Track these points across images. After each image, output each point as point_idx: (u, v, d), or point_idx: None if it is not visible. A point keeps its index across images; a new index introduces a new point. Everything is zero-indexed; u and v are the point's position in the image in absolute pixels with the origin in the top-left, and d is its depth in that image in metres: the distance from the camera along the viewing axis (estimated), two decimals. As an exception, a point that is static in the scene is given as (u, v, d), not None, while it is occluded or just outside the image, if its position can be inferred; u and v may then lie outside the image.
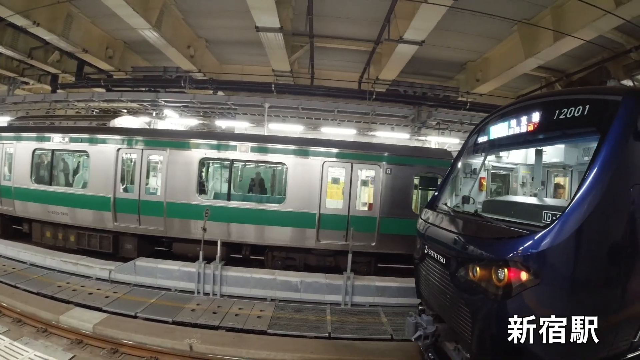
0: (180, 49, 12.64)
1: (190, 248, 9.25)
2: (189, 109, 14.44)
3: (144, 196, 9.36)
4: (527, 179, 8.03)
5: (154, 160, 10.04)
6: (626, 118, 3.30)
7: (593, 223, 3.24)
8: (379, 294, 8.33)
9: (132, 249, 9.61)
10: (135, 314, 6.85)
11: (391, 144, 11.80)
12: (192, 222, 9.08)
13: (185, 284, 8.18)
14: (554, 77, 14.20)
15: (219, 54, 15.04)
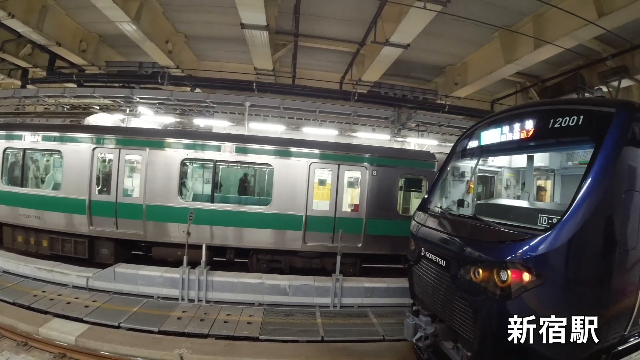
0: (158, 43, 12.28)
1: (170, 252, 9.02)
2: (166, 107, 14.01)
3: (122, 198, 9.01)
4: (511, 182, 8.50)
5: (133, 161, 9.69)
6: (620, 129, 3.61)
7: (590, 227, 3.52)
8: (367, 294, 8.50)
9: (109, 254, 9.23)
10: (119, 324, 6.61)
11: (377, 146, 12.03)
12: (173, 225, 8.84)
13: (168, 290, 7.96)
14: (529, 82, 15.01)
15: (198, 50, 14.73)
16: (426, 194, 6.69)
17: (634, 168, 3.69)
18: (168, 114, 14.94)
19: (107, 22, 11.28)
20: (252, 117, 13.92)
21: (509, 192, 8.82)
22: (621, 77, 10.27)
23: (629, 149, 3.66)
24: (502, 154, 6.51)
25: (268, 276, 8.56)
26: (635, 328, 3.94)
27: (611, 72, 10.74)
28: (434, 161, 10.51)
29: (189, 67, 13.87)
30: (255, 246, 9.32)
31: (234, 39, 12.62)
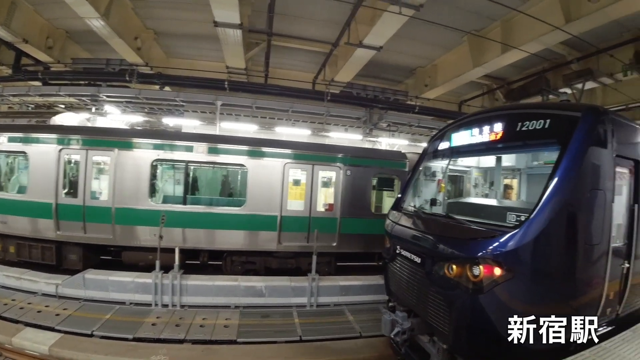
0: (127, 40, 11.94)
1: (141, 257, 8.82)
2: (133, 105, 13.60)
3: (90, 201, 8.68)
4: (479, 181, 8.92)
5: (101, 162, 9.36)
6: (585, 132, 3.95)
7: (557, 224, 3.84)
8: (343, 293, 8.70)
9: (77, 260, 8.87)
10: (92, 332, 6.43)
11: (351, 146, 12.26)
12: (144, 228, 8.62)
13: (140, 296, 7.78)
14: (496, 85, 15.79)
15: (168, 47, 14.41)
16: (400, 193, 6.95)
17: (598, 168, 4.04)
18: (136, 112, 14.50)
19: (74, 18, 10.87)
20: (223, 116, 13.80)
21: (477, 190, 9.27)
22: (585, 80, 10.98)
23: (593, 151, 4.01)
24: (472, 155, 6.85)
25: (244, 278, 8.56)
26: (603, 318, 4.32)
27: (575, 75, 11.48)
28: (405, 161, 10.87)
29: (158, 65, 13.54)
30: (230, 248, 9.26)
31: (205, 36, 12.46)
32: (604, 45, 10.83)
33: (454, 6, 9.82)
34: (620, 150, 4.26)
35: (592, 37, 10.09)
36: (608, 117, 4.22)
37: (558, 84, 12.54)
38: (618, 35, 10.84)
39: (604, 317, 4.37)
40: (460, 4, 9.57)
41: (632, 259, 4.53)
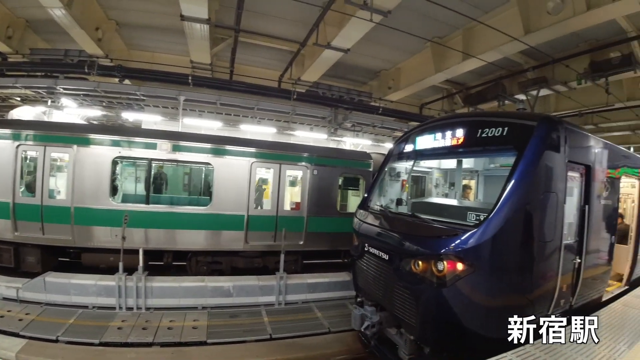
0: (88, 30, 11.42)
1: (102, 258, 8.54)
2: (91, 99, 12.97)
3: (48, 201, 8.26)
4: (440, 181, 9.51)
5: (60, 159, 8.91)
6: (539, 140, 4.45)
7: (514, 222, 4.30)
8: (310, 290, 8.94)
9: (36, 262, 8.44)
10: (57, 338, 6.19)
11: (318, 146, 12.51)
12: (105, 229, 8.36)
13: (104, 299, 7.55)
14: (455, 89, 16.73)
15: (129, 39, 13.92)
16: (366, 193, 7.33)
17: (551, 172, 4.54)
18: (93, 106, 13.83)
19: (35, 7, 10.34)
20: (186, 112, 13.56)
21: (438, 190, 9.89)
22: (540, 87, 11.99)
23: (547, 157, 4.50)
24: (435, 158, 7.35)
25: (210, 278, 8.54)
26: (557, 309, 4.88)
27: (531, 82, 12.51)
28: (370, 161, 11.31)
29: (118, 57, 13.08)
30: (195, 248, 9.19)
31: (169, 29, 12.26)
32: (560, 55, 11.82)
33: (420, 13, 10.37)
34: (572, 156, 4.79)
35: (549, 47, 11.02)
36: (561, 125, 4.73)
37: (514, 91, 13.60)
38: (574, 46, 11.88)
39: (558, 308, 4.92)
40: (425, 12, 10.11)
41: (583, 255, 5.11)
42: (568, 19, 9.05)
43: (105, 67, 11.99)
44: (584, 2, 8.63)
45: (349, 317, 7.19)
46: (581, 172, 5.19)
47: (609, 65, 11.21)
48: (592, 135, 5.57)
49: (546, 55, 11.30)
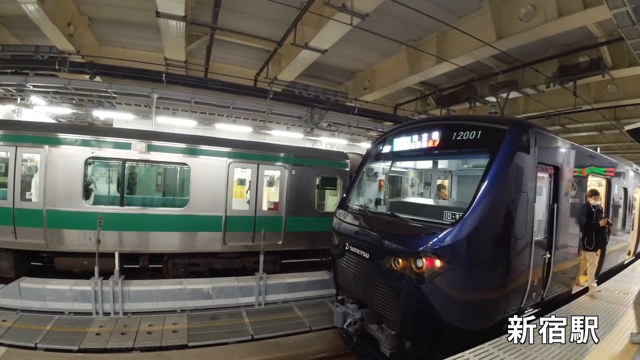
0: (60, 25, 11.00)
1: (76, 263, 8.33)
2: (61, 96, 12.50)
3: (20, 203, 7.96)
4: (415, 181, 9.88)
5: (31, 160, 8.60)
6: (511, 143, 4.79)
7: (487, 221, 4.62)
8: (290, 290, 9.08)
9: (9, 268, 8.13)
10: (35, 345, 6.03)
11: (295, 146, 12.62)
12: (78, 232, 8.15)
13: (80, 305, 7.38)
14: (428, 91, 17.26)
15: (101, 34, 13.50)
16: (345, 193, 7.55)
17: (521, 174, 4.89)
18: (63, 104, 13.34)
19: (8, 1, 10.00)
20: (159, 110, 13.34)
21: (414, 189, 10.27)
22: (510, 90, 12.58)
23: (518, 159, 4.85)
24: (412, 159, 7.66)
25: (189, 281, 8.50)
26: (529, 301, 5.27)
27: (501, 85, 13.10)
28: (347, 161, 11.57)
29: (90, 53, 12.64)
30: (172, 250, 9.10)
31: (143, 25, 12.03)
32: (530, 59, 12.42)
33: (396, 17, 10.65)
34: (541, 157, 5.18)
35: (519, 51, 11.53)
36: (531, 129, 5.09)
37: (485, 93, 14.21)
38: (544, 50, 12.50)
39: (530, 301, 5.30)
40: (401, 15, 10.40)
41: (552, 250, 5.52)
42: (540, 26, 9.48)
43: (76, 63, 11.62)
44: (556, 9, 9.03)
45: (329, 315, 7.45)
46: (550, 172, 5.60)
47: (577, 69, 11.84)
48: (560, 138, 5.98)
49: (516, 60, 11.87)
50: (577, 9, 8.72)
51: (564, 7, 8.98)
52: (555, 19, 9.13)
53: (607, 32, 10.68)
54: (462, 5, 10.58)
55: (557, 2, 9.03)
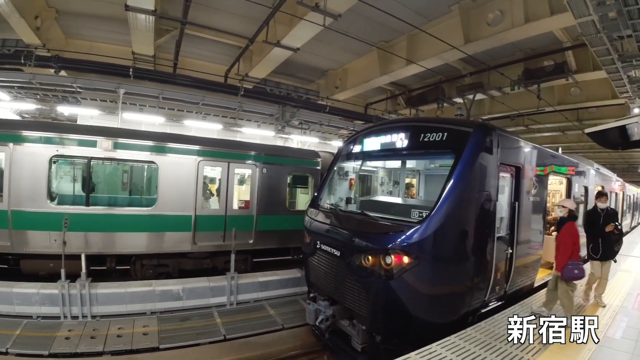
0: (27, 18, 10.59)
1: (42, 265, 8.10)
2: (26, 91, 11.98)
3: None
4: (385, 180, 10.21)
5: None
6: (475, 145, 5.12)
7: (452, 219, 4.91)
8: (262, 288, 9.18)
9: None
10: (7, 350, 5.89)
11: (267, 144, 12.66)
12: (43, 233, 7.91)
13: (48, 308, 7.19)
14: (398, 91, 17.74)
15: (68, 27, 13.03)
16: (316, 192, 7.76)
17: (484, 175, 5.22)
18: (28, 99, 12.76)
19: None
20: (126, 106, 13.04)
21: (383, 188, 10.62)
22: (476, 92, 13.15)
23: (481, 159, 5.18)
24: (382, 159, 7.94)
25: (158, 282, 8.40)
26: (493, 295, 5.64)
27: (468, 87, 13.67)
28: (318, 160, 11.75)
29: (56, 47, 12.23)
30: (140, 251, 8.97)
31: (111, 18, 11.76)
32: (497, 62, 13.02)
33: (368, 18, 10.94)
34: (503, 158, 5.53)
35: (486, 54, 12.10)
36: (494, 131, 5.43)
37: (452, 94, 14.80)
38: (510, 54, 13.11)
39: (494, 294, 5.67)
40: (373, 17, 10.68)
41: (514, 246, 5.91)
42: (507, 31, 9.94)
43: (42, 57, 11.18)
44: (523, 15, 9.50)
45: (301, 313, 7.62)
46: (512, 172, 5.98)
47: (542, 72, 12.52)
48: (522, 140, 6.40)
49: (483, 63, 12.44)
50: (544, 15, 9.17)
51: (531, 13, 9.44)
52: (522, 24, 9.60)
53: (572, 37, 11.21)
54: (433, 9, 10.98)
55: (524, 8, 9.48)
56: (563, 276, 5.21)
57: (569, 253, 5.22)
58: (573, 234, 5.33)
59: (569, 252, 5.23)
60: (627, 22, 5.96)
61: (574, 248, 5.26)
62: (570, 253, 5.23)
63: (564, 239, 5.36)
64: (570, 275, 5.18)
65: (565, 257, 5.22)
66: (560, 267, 5.25)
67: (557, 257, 5.40)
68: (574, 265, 5.17)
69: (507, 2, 9.96)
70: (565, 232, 5.38)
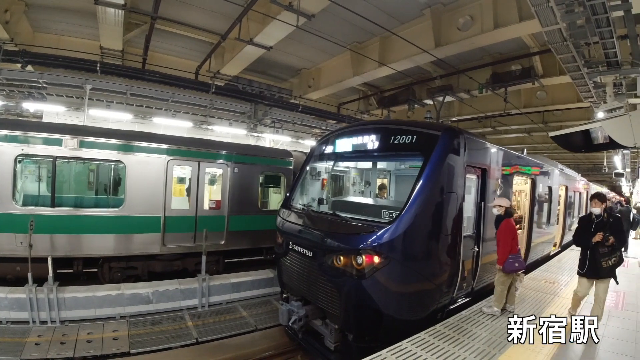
0: None
1: (8, 269, 7.85)
2: None
3: None
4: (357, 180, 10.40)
5: None
6: (442, 147, 5.37)
7: (421, 219, 5.14)
8: (234, 290, 9.23)
9: None
10: None
11: (238, 143, 12.62)
12: (8, 235, 7.64)
13: (16, 313, 7.01)
14: (370, 92, 18.07)
15: (36, 21, 12.53)
16: (288, 192, 7.87)
17: (452, 176, 5.48)
18: None
19: None
20: (93, 102, 12.65)
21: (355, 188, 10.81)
22: (446, 94, 13.61)
23: (449, 162, 5.44)
24: (353, 160, 8.14)
25: (127, 285, 8.28)
26: (460, 291, 5.93)
27: (438, 89, 14.13)
28: (290, 159, 11.86)
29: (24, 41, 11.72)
30: (107, 254, 8.79)
31: (79, 10, 11.41)
32: (466, 65, 13.49)
33: (342, 19, 11.07)
34: (470, 160, 5.82)
35: (456, 58, 12.48)
36: (462, 135, 5.71)
37: (423, 96, 15.26)
38: (479, 58, 13.61)
39: (462, 291, 5.97)
40: (346, 18, 10.80)
41: (480, 244, 6.24)
42: (476, 36, 10.33)
43: (9, 52, 10.66)
44: (492, 21, 9.88)
45: (274, 314, 7.75)
46: (478, 173, 6.30)
47: (509, 76, 13.10)
48: (488, 142, 6.74)
49: (452, 66, 12.88)
50: (513, 21, 9.57)
51: (500, 19, 9.84)
52: (491, 30, 9.98)
53: (540, 42, 11.68)
54: (405, 12, 11.27)
55: (494, 14, 9.88)
56: (505, 269, 5.59)
57: (509, 248, 5.60)
58: (511, 230, 5.68)
59: (509, 247, 5.60)
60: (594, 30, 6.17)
61: (513, 243, 5.64)
62: (510, 248, 5.60)
63: (502, 235, 5.66)
64: (511, 269, 5.59)
65: (506, 251, 5.58)
66: (502, 262, 5.59)
67: (499, 252, 5.69)
68: (514, 258, 5.58)
69: (477, 7, 10.36)
70: (504, 229, 5.67)
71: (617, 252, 5.11)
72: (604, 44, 6.67)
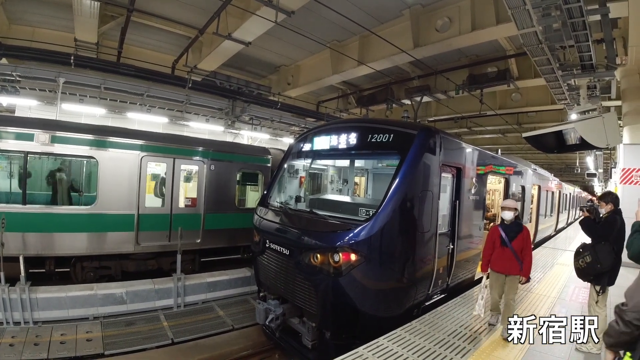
0: None
1: None
2: None
3: None
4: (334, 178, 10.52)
5: None
6: (418, 146, 5.51)
7: (397, 217, 5.25)
8: (210, 289, 9.18)
9: None
10: None
11: (215, 140, 12.52)
12: None
13: None
14: (349, 90, 18.22)
15: (12, 12, 12.11)
16: (266, 190, 7.89)
17: (428, 175, 5.63)
18: None
19: None
20: (65, 96, 12.29)
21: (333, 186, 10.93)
22: (423, 95, 13.87)
23: (425, 161, 5.57)
24: (331, 158, 8.24)
25: (100, 285, 8.12)
26: (436, 288, 6.09)
27: (416, 89, 14.38)
28: (269, 157, 11.85)
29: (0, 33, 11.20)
30: (79, 253, 8.59)
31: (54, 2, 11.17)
32: (443, 66, 13.76)
33: (321, 16, 11.15)
34: (445, 160, 5.98)
35: (434, 59, 12.73)
36: (437, 134, 5.86)
37: (401, 96, 15.50)
38: (456, 59, 13.92)
39: (437, 287, 6.14)
40: (326, 16, 10.91)
41: (455, 242, 6.41)
42: (454, 37, 10.56)
43: None
44: (470, 23, 10.13)
45: (251, 313, 7.77)
46: (453, 172, 6.47)
47: (485, 78, 13.47)
48: (463, 142, 6.92)
49: (430, 67, 13.15)
50: (490, 24, 9.84)
51: (478, 21, 10.10)
52: (468, 32, 10.23)
53: (516, 45, 12.02)
54: (384, 12, 11.44)
55: (472, 16, 10.13)
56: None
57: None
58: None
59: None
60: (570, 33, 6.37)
61: None
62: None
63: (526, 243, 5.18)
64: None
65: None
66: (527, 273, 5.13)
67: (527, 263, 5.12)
68: None
69: (455, 9, 10.59)
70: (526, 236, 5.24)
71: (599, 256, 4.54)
72: (579, 47, 6.91)
